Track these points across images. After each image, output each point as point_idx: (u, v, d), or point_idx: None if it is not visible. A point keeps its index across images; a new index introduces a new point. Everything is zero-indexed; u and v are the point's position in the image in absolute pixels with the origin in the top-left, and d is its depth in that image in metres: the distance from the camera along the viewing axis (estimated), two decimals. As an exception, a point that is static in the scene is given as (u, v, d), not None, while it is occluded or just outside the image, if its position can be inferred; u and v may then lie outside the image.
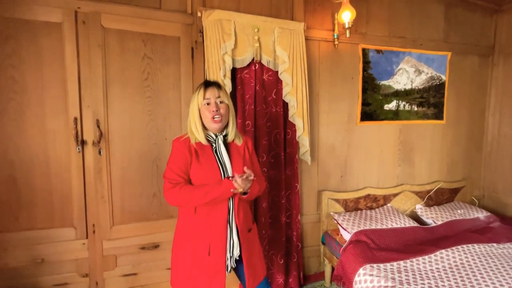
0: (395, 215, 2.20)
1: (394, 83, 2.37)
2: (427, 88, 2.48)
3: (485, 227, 2.17)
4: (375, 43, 2.26)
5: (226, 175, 1.19)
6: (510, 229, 2.11)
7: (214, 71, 1.71)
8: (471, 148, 2.72)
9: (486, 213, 2.34)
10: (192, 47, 1.77)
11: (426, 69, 2.46)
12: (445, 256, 1.75)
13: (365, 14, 2.22)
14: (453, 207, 2.43)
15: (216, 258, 1.17)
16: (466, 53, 2.57)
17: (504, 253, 1.82)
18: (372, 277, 1.54)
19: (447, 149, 2.62)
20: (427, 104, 2.50)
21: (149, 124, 1.73)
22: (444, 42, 2.48)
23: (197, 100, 1.19)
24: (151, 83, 1.72)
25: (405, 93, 2.41)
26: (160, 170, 1.77)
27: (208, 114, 1.17)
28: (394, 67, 2.35)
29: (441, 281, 1.54)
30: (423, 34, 2.41)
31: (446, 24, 2.47)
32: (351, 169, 2.32)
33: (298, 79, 1.90)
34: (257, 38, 1.80)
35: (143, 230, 1.77)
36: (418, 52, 2.40)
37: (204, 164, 1.17)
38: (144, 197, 1.76)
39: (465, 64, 2.59)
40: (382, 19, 2.28)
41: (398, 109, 2.40)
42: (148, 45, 1.69)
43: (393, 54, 2.33)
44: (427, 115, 2.51)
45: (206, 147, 1.20)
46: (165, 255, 1.82)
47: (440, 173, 2.62)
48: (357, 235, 1.90)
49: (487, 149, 2.75)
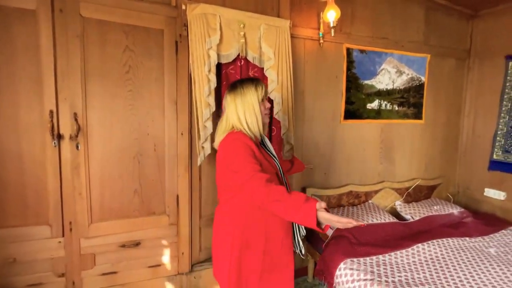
0: (376, 211, 2.26)
1: (377, 82, 2.43)
2: (407, 88, 2.56)
3: (458, 222, 2.28)
4: (359, 43, 2.31)
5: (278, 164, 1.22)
6: (481, 224, 2.23)
7: (198, 65, 1.69)
8: (447, 147, 2.85)
9: (460, 209, 2.46)
10: (176, 40, 1.74)
11: (407, 70, 2.54)
12: (421, 250, 1.83)
13: (349, 14, 2.26)
14: (430, 203, 2.54)
15: (287, 250, 1.21)
16: (444, 56, 2.68)
17: (475, 246, 1.92)
18: (352, 271, 1.59)
19: (426, 148, 2.73)
20: (407, 104, 2.58)
21: (130, 118, 1.69)
22: (424, 44, 2.57)
23: (258, 95, 1.18)
24: (133, 76, 1.67)
25: (387, 93, 2.48)
26: (142, 165, 1.73)
27: (264, 110, 1.21)
28: (377, 67, 2.41)
29: (417, 273, 1.60)
30: (405, 36, 2.49)
31: (426, 27, 2.57)
32: (335, 166, 2.37)
33: (283, 76, 1.90)
34: (243, 33, 1.79)
35: (124, 228, 1.72)
36: (399, 53, 2.48)
37: (266, 156, 1.18)
38: (124, 194, 1.71)
39: (443, 66, 2.70)
40: (366, 20, 2.33)
41: (380, 108, 2.47)
42: (130, 37, 1.64)
43: (376, 55, 2.39)
44: (407, 114, 2.60)
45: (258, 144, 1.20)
46: (146, 253, 1.79)
47: (419, 171, 2.72)
48: (339, 231, 1.94)
49: (462, 148, 2.89)
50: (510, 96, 2.48)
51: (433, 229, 2.12)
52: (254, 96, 1.18)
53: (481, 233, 2.09)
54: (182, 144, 1.81)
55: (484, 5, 2.55)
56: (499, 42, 2.56)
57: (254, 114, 1.17)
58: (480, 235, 2.07)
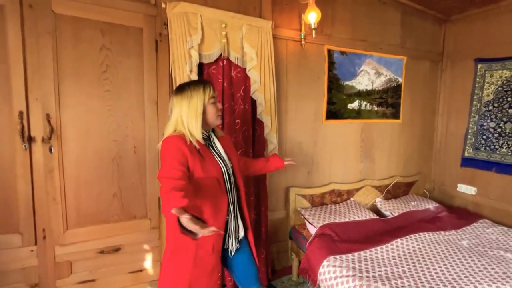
0: (357, 209, 2.32)
1: (357, 83, 2.50)
2: (386, 89, 2.65)
3: (434, 216, 2.39)
4: (340, 45, 2.37)
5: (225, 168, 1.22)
6: (454, 218, 2.35)
7: (180, 65, 1.66)
8: (423, 146, 2.98)
9: (436, 204, 2.58)
10: (156, 39, 1.70)
11: (385, 72, 2.63)
12: (400, 245, 1.90)
13: (330, 16, 2.30)
14: (408, 199, 2.64)
15: (216, 254, 1.20)
16: (419, 58, 2.80)
17: (449, 239, 2.02)
18: (335, 268, 1.62)
19: (403, 147, 2.84)
20: (386, 104, 2.67)
21: (109, 119, 1.63)
22: (400, 47, 2.67)
23: (203, 97, 1.18)
24: (111, 76, 1.61)
25: (367, 94, 2.56)
26: (121, 168, 1.67)
27: (215, 111, 1.22)
28: (357, 68, 2.48)
29: (396, 267, 1.66)
30: (383, 38, 2.57)
31: (402, 31, 2.67)
32: (317, 166, 2.41)
33: (266, 76, 1.91)
34: (225, 33, 1.78)
35: (102, 233, 1.66)
36: (378, 55, 2.56)
37: (207, 160, 1.16)
38: (103, 198, 1.65)
39: (419, 68, 2.82)
40: (346, 22, 2.38)
41: (360, 109, 2.54)
42: (106, 36, 1.58)
43: (356, 56, 2.46)
44: (386, 114, 2.69)
45: (203, 145, 1.18)
46: (127, 259, 1.73)
47: (397, 169, 2.83)
48: (322, 229, 1.98)
49: (436, 146, 3.03)
50: (479, 96, 2.63)
51: (411, 224, 2.20)
52: (200, 98, 1.17)
53: (454, 227, 2.20)
54: (163, 146, 1.77)
55: (455, 11, 2.69)
56: (469, 45, 2.71)
57: (195, 116, 1.15)
58: (454, 228, 2.18)
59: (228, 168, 1.24)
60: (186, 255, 1.16)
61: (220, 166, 1.20)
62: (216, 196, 1.17)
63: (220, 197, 1.18)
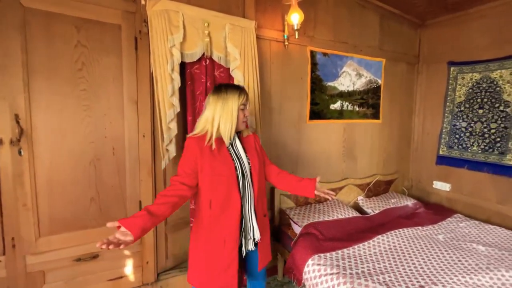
0: (340, 207, 2.37)
1: (339, 84, 2.55)
2: (366, 90, 2.73)
3: (412, 213, 2.49)
4: (322, 46, 2.41)
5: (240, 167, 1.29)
6: (431, 214, 2.46)
7: (161, 64, 1.61)
8: (402, 145, 3.09)
9: (414, 201, 2.68)
10: (136, 37, 1.64)
11: (366, 73, 2.70)
12: (381, 241, 1.95)
13: (312, 18, 2.34)
14: (388, 197, 2.73)
15: (229, 250, 1.26)
16: (397, 61, 2.91)
17: (426, 234, 2.10)
18: (320, 266, 1.63)
19: (383, 146, 2.94)
20: (367, 105, 2.75)
21: (85, 120, 1.55)
22: (379, 49, 2.77)
23: (237, 101, 1.26)
24: (87, 74, 1.53)
25: (348, 94, 2.62)
26: (99, 171, 1.60)
27: (243, 117, 1.31)
28: (339, 69, 2.53)
29: (377, 263, 1.71)
30: (363, 41, 2.65)
31: (381, 34, 2.76)
32: (302, 165, 2.43)
33: (249, 76, 1.90)
34: (208, 32, 1.75)
35: (79, 240, 1.57)
36: (358, 57, 2.63)
37: (220, 160, 1.24)
38: (79, 203, 1.56)
39: (396, 70, 2.93)
40: (327, 24, 2.43)
41: (342, 109, 2.60)
42: (82, 32, 1.50)
43: (338, 58, 2.51)
44: (367, 115, 2.77)
45: (222, 145, 1.28)
46: (106, 266, 1.65)
47: (378, 167, 2.92)
48: (306, 228, 2.00)
49: (414, 145, 3.16)
50: (452, 98, 2.78)
51: (391, 221, 2.28)
52: (235, 102, 1.26)
53: (431, 222, 2.30)
54: (144, 147, 1.71)
55: (429, 16, 2.82)
56: (442, 49, 2.85)
57: (231, 119, 1.25)
58: (430, 223, 2.27)
59: (244, 167, 1.30)
60: (201, 248, 1.29)
61: (235, 165, 1.27)
62: (226, 193, 1.24)
63: (231, 194, 1.25)
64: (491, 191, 2.51)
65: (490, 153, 2.49)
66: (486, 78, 2.51)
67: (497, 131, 2.44)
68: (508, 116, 2.37)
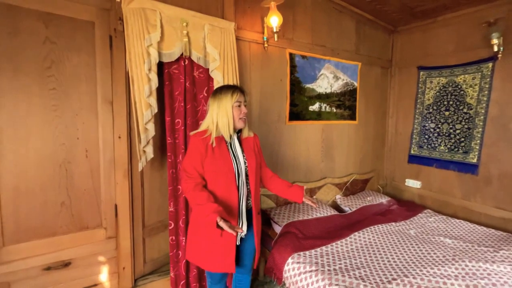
0: (320, 206, 2.43)
1: (317, 86, 2.62)
2: (343, 92, 2.83)
3: (386, 209, 2.61)
4: (301, 49, 2.46)
5: (238, 166, 1.40)
6: (404, 210, 2.59)
7: (137, 64, 1.57)
8: (377, 145, 3.23)
9: (388, 198, 2.81)
10: (111, 35, 1.58)
11: (342, 76, 2.80)
12: (358, 238, 2.03)
13: (291, 21, 2.38)
14: (364, 195, 2.84)
15: (228, 239, 1.37)
16: (372, 64, 3.04)
17: (399, 229, 2.21)
18: (299, 264, 1.67)
19: (360, 146, 3.05)
20: (344, 106, 2.85)
21: (55, 121, 1.47)
22: (355, 53, 2.88)
23: (230, 100, 1.37)
24: (56, 72, 1.46)
25: (326, 96, 2.70)
26: (71, 174, 1.52)
27: (238, 114, 1.40)
28: (317, 72, 2.60)
29: (354, 259, 1.77)
30: (340, 44, 2.74)
31: (357, 38, 2.87)
32: (282, 166, 2.47)
33: (229, 78, 1.90)
34: (186, 32, 1.73)
35: (49, 247, 1.49)
36: (336, 60, 2.72)
37: (219, 157, 1.37)
38: (49, 208, 1.48)
39: (371, 73, 3.06)
40: (306, 27, 2.49)
41: (320, 110, 2.67)
42: (51, 28, 1.42)
43: (316, 61, 2.58)
44: (344, 116, 2.87)
45: (223, 142, 1.41)
46: (79, 274, 1.58)
47: (355, 167, 3.03)
48: (286, 227, 2.03)
49: (388, 145, 3.32)
50: (421, 100, 2.95)
51: (367, 218, 2.37)
52: (228, 101, 1.37)
53: (403, 218, 2.42)
54: (120, 149, 1.65)
55: (401, 23, 2.98)
56: (412, 54, 3.02)
57: (226, 116, 1.37)
58: (403, 219, 2.40)
59: (240, 167, 1.41)
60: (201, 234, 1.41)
61: (232, 164, 1.38)
62: (226, 188, 1.37)
63: (230, 188, 1.38)
64: (456, 187, 2.70)
65: (456, 152, 2.67)
66: (451, 82, 2.69)
67: (462, 132, 2.62)
68: (471, 117, 2.55)
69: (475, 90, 2.52)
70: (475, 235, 2.13)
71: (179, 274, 1.82)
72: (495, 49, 2.29)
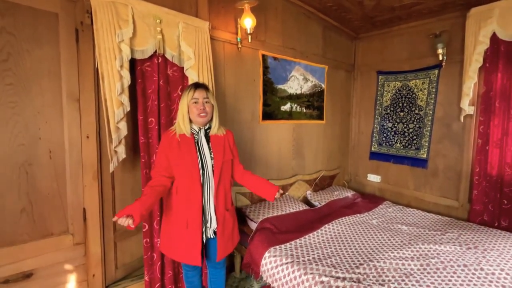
0: (292, 202, 2.54)
1: (288, 87, 2.73)
2: (312, 93, 2.98)
3: (352, 202, 2.82)
4: (272, 51, 2.54)
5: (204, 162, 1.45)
6: (367, 202, 2.83)
7: (108, 60, 1.50)
8: (342, 143, 3.47)
9: (353, 192, 3.04)
10: (77, 28, 1.49)
11: (311, 78, 2.95)
12: (327, 230, 2.17)
13: (263, 24, 2.45)
14: (332, 190, 3.03)
15: (193, 231, 1.43)
16: (337, 68, 3.25)
17: (363, 220, 2.42)
18: (276, 258, 1.74)
19: (327, 144, 3.25)
20: (312, 107, 3.01)
21: (12, 119, 1.34)
22: (322, 57, 3.05)
23: (187, 98, 1.43)
24: (14, 66, 1.33)
25: (296, 97, 2.82)
26: (32, 177, 1.40)
27: (196, 110, 1.42)
28: (288, 73, 2.71)
29: (325, 249, 1.90)
30: (309, 48, 2.89)
31: (323, 43, 3.05)
32: (255, 164, 2.53)
33: (204, 77, 1.90)
34: (160, 30, 1.70)
35: (7, 258, 1.35)
36: (305, 63, 2.86)
37: (185, 153, 1.41)
38: (6, 215, 1.35)
39: (337, 76, 3.27)
40: (277, 31, 2.58)
41: (291, 111, 2.79)
42: (7, 17, 1.30)
43: (287, 62, 2.68)
44: (313, 116, 3.03)
45: (189, 139, 1.44)
46: (42, 285, 1.46)
47: (323, 164, 3.21)
48: (262, 223, 2.09)
49: (352, 143, 3.58)
50: (380, 102, 3.24)
51: (335, 211, 2.54)
52: (184, 99, 1.43)
53: (367, 210, 2.64)
54: (88, 149, 1.56)
55: (362, 30, 3.24)
56: (372, 59, 3.30)
57: (182, 113, 1.43)
58: (366, 211, 2.62)
59: (205, 163, 1.45)
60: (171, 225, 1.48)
61: (197, 159, 1.42)
62: (189, 183, 1.42)
63: (193, 184, 1.42)
64: (410, 180, 3.01)
65: (409, 148, 2.99)
66: (405, 86, 3.00)
67: (414, 130, 2.94)
68: (421, 118, 2.88)
69: (425, 94, 2.84)
70: (425, 221, 2.41)
71: (154, 277, 1.77)
72: (440, 58, 2.62)
